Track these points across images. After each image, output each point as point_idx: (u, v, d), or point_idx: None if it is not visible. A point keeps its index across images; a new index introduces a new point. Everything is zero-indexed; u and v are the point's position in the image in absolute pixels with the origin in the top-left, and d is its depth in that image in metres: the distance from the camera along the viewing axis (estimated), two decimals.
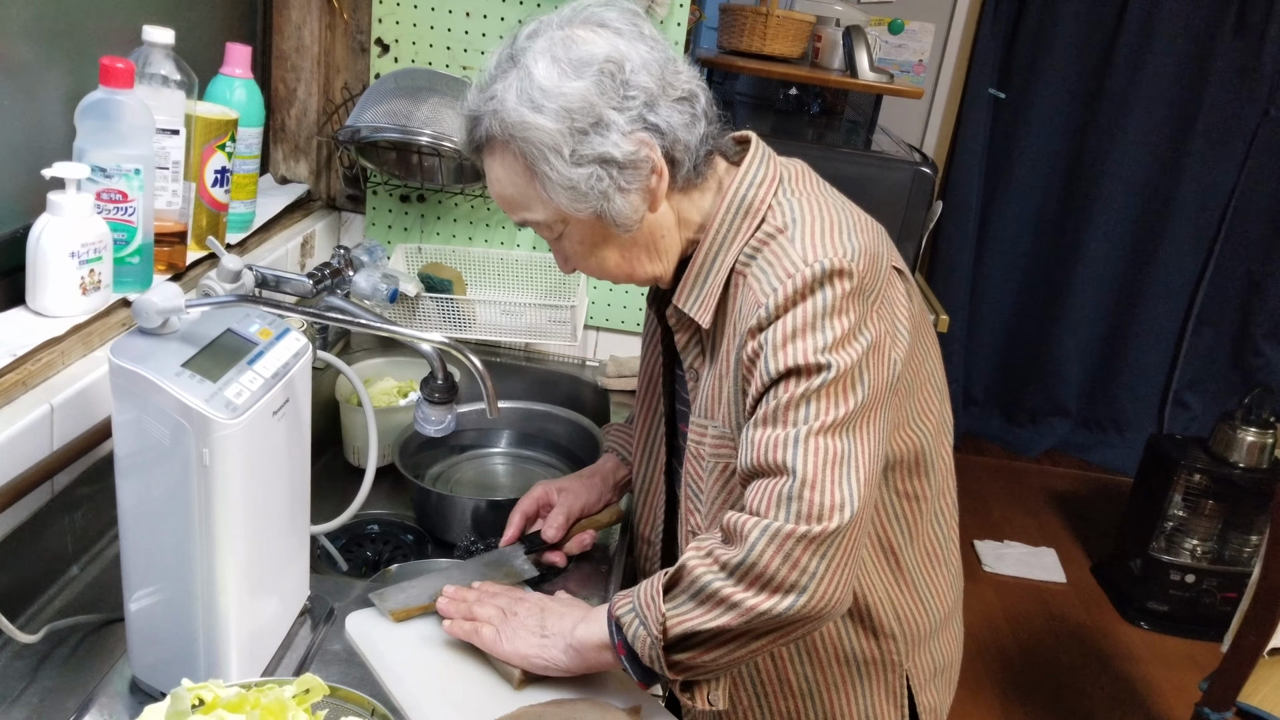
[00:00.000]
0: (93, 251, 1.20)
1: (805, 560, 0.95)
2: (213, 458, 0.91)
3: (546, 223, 1.10)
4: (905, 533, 1.18)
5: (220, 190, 1.51)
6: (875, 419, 1.02)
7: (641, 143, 1.04)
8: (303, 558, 1.17)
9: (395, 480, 1.73)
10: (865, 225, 1.10)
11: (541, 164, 1.04)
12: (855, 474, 0.98)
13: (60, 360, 1.17)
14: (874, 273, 1.05)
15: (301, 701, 0.90)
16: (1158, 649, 3.34)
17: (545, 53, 1.03)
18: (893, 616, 1.20)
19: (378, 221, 2.03)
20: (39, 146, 1.26)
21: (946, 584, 1.26)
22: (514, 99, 1.03)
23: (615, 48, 1.03)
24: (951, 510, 1.26)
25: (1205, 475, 3.30)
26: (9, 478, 1.05)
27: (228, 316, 1.05)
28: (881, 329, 1.04)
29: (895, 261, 1.12)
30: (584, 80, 1.02)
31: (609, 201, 1.05)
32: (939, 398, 1.18)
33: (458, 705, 1.08)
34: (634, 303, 2.07)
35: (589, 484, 1.42)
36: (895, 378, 1.06)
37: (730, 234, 1.10)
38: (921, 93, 2.64)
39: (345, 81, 1.97)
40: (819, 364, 0.99)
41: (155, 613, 1.00)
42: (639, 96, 1.03)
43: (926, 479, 1.17)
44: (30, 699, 1.02)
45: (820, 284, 1.01)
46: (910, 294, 1.13)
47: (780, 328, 1.01)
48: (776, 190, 1.11)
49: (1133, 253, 4.32)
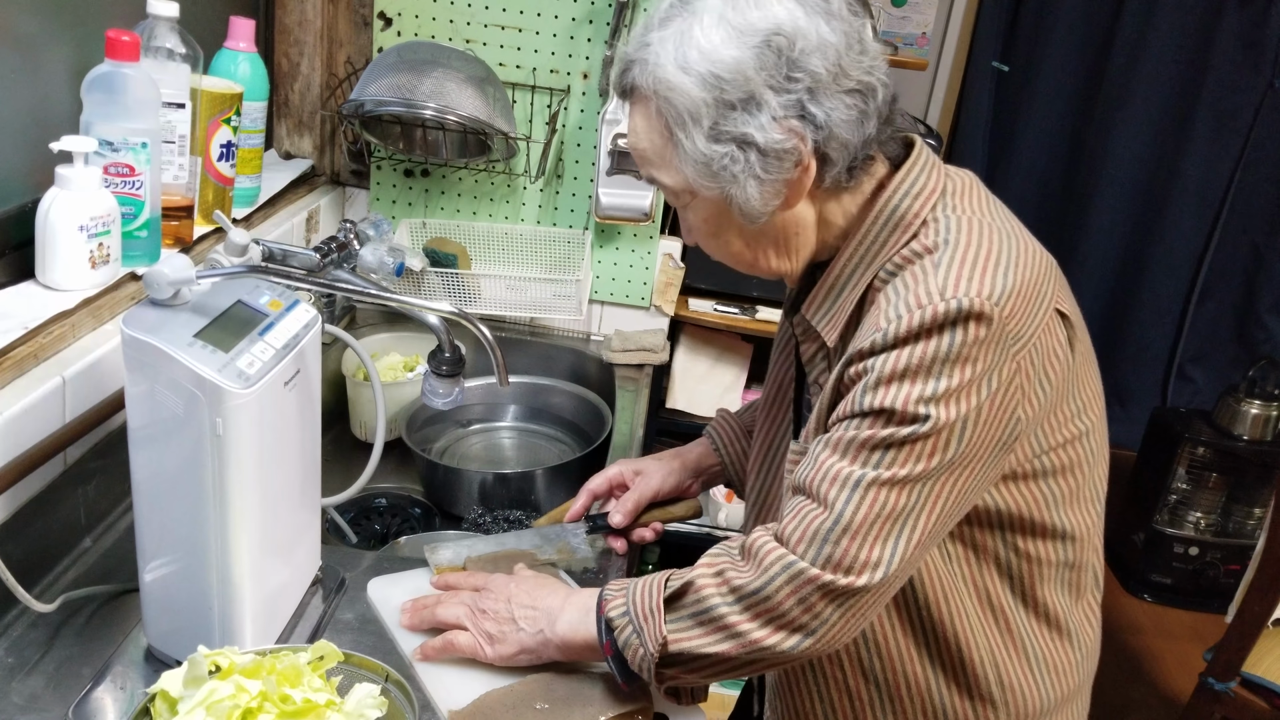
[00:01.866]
0: (101, 225, 1.20)
1: (820, 607, 0.90)
2: (226, 427, 0.92)
3: (674, 189, 1.01)
4: (1017, 593, 1.05)
5: (226, 165, 1.51)
6: (963, 478, 0.92)
7: (792, 132, 0.93)
8: (314, 528, 1.18)
9: (402, 455, 1.74)
10: (1029, 259, 0.96)
11: (679, 129, 0.95)
12: (906, 534, 0.90)
13: (71, 333, 1.17)
14: (1025, 316, 0.92)
15: (316, 668, 0.92)
16: (1161, 621, 3.36)
17: (716, 12, 0.93)
18: (994, 680, 1.06)
19: (382, 196, 2.03)
20: (46, 120, 1.26)
21: (1069, 662, 1.09)
22: (669, 54, 0.94)
23: (793, 19, 0.92)
24: (1086, 584, 1.10)
25: (1209, 448, 3.30)
26: (23, 449, 1.06)
27: (238, 288, 1.05)
28: (1014, 381, 0.92)
29: (1061, 303, 0.98)
30: (746, 49, 0.91)
31: (739, 186, 0.96)
32: (1089, 462, 1.04)
33: (465, 671, 1.09)
34: (638, 277, 2.07)
35: (668, 468, 1.34)
36: (1013, 437, 0.94)
37: (875, 247, 1.00)
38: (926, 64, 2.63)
39: (348, 56, 1.96)
40: (916, 415, 0.89)
41: (170, 582, 1.01)
42: (803, 80, 0.92)
43: (1052, 542, 1.04)
44: (46, 667, 1.03)
45: (952, 324, 0.89)
46: (1073, 343, 0.99)
47: (892, 360, 0.91)
48: (936, 204, 0.99)
49: (1136, 226, 4.31)
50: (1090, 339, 1.06)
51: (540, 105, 1.95)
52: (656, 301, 2.10)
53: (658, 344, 2.03)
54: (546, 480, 1.65)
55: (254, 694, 0.85)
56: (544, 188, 2.02)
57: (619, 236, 2.05)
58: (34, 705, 0.98)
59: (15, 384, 1.08)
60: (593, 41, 1.92)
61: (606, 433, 1.75)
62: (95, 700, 0.99)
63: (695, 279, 2.28)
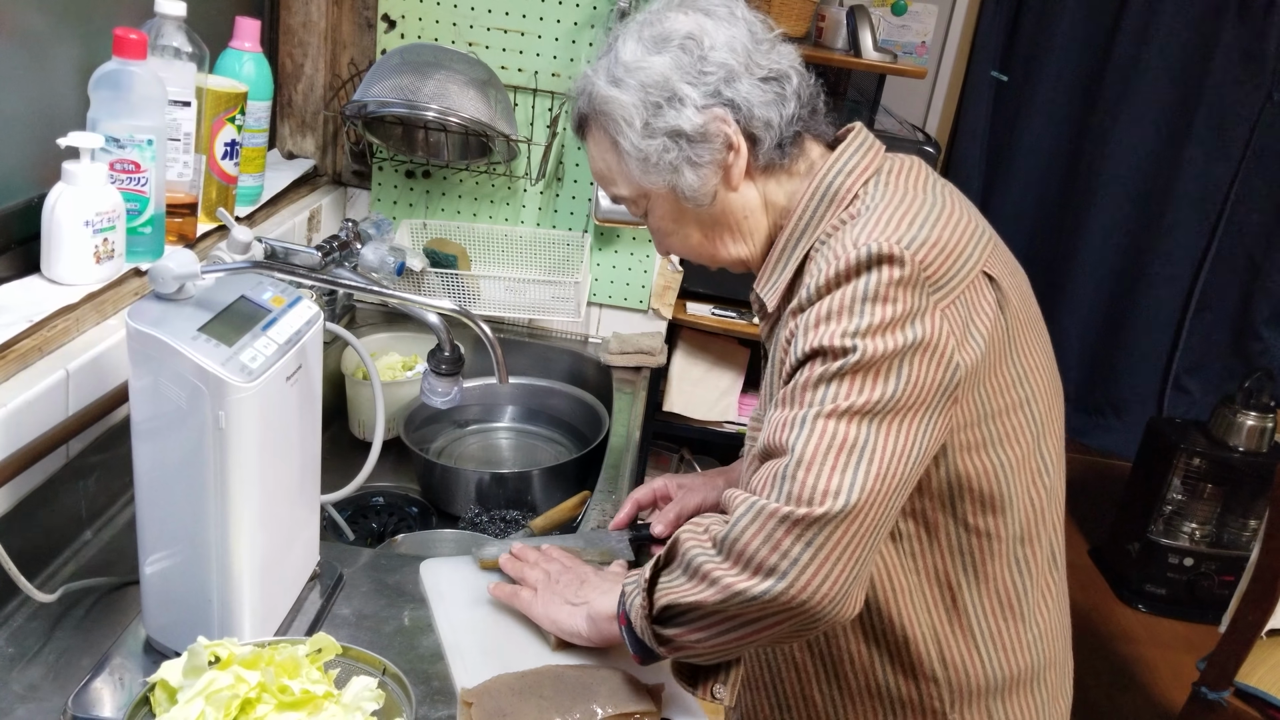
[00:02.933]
0: (106, 221, 1.21)
1: (787, 544, 0.90)
2: (228, 421, 0.93)
3: (631, 198, 1.12)
4: (968, 571, 1.07)
5: (230, 163, 1.52)
6: (914, 420, 0.94)
7: (715, 118, 1.04)
8: (313, 523, 1.19)
9: (400, 454, 1.74)
10: (954, 222, 1.01)
11: (619, 136, 1.07)
12: (864, 465, 0.90)
13: (75, 327, 1.18)
14: (943, 268, 0.97)
15: (314, 660, 0.92)
16: (1155, 631, 3.37)
17: (633, 33, 1.07)
18: (936, 658, 1.09)
19: (383, 197, 2.05)
20: (53, 116, 1.27)
21: (1019, 640, 1.11)
22: (601, 76, 1.07)
23: (699, 25, 1.05)
24: (1040, 563, 1.11)
25: (1204, 459, 3.31)
26: (26, 441, 1.07)
27: (241, 284, 1.06)
28: (944, 329, 0.95)
29: (990, 267, 1.02)
30: (663, 56, 1.04)
31: (679, 174, 1.06)
32: (1032, 432, 1.06)
33: (489, 652, 1.12)
34: (637, 280, 2.08)
35: (711, 483, 1.36)
36: (954, 383, 0.96)
37: (813, 220, 1.08)
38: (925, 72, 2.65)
39: (352, 57, 1.98)
40: (844, 347, 0.93)
41: (170, 575, 1.02)
42: (716, 72, 1.04)
43: (1001, 516, 1.06)
44: (47, 657, 1.04)
45: (866, 268, 0.95)
46: (1003, 305, 1.02)
47: (816, 310, 0.97)
48: (870, 180, 1.07)
49: (1134, 236, 4.32)
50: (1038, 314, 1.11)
51: (541, 108, 1.96)
52: (654, 304, 2.11)
53: (655, 347, 2.04)
54: (543, 481, 1.66)
55: (253, 685, 0.85)
56: (544, 190, 2.03)
57: (618, 239, 2.06)
58: (33, 695, 0.99)
59: (19, 377, 1.09)
60: (594, 45, 1.93)
61: (603, 435, 1.76)
62: (94, 690, 0.99)
63: (693, 283, 2.29)
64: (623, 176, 1.10)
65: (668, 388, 2.47)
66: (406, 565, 1.28)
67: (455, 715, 1.03)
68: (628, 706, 1.04)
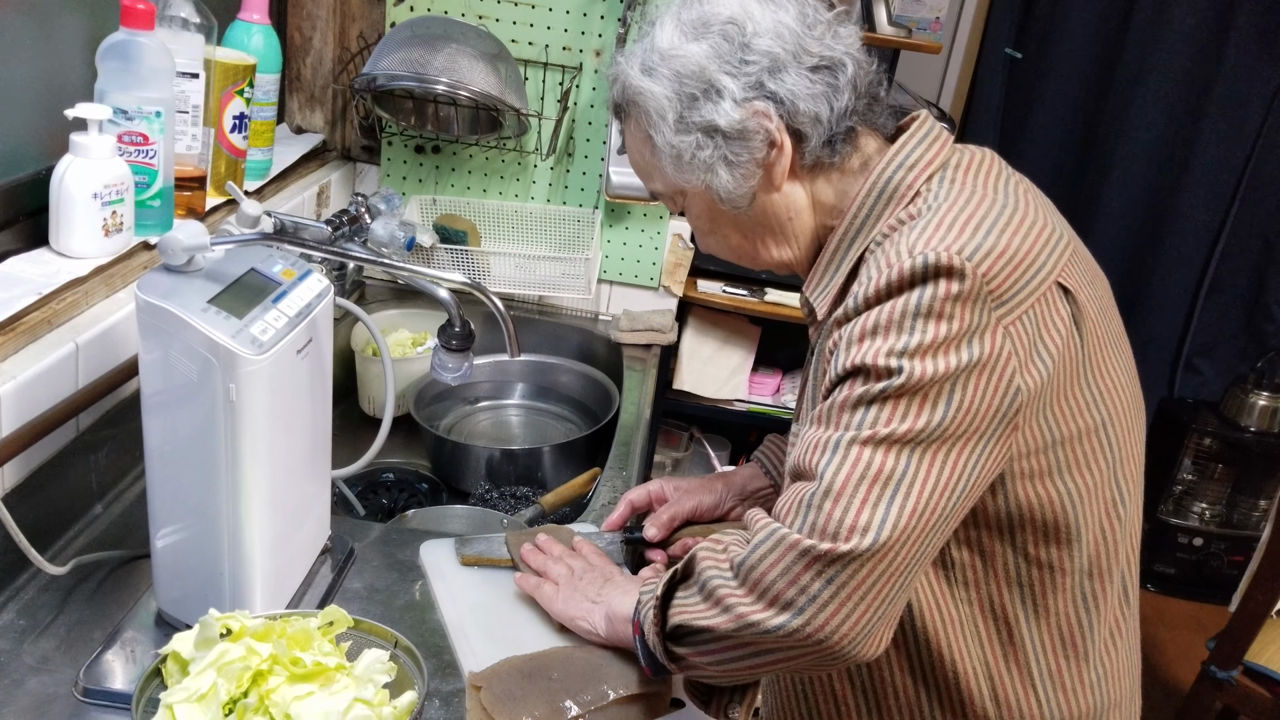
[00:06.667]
0: (115, 193, 1.20)
1: (805, 579, 0.84)
2: (239, 393, 0.92)
3: (666, 194, 1.06)
4: (1027, 603, 0.98)
5: (239, 136, 1.51)
6: (963, 449, 0.86)
7: (756, 113, 0.96)
8: (324, 497, 1.18)
9: (410, 431, 1.74)
10: (1026, 227, 0.92)
11: (652, 130, 1.00)
12: (899, 499, 0.83)
13: (84, 300, 1.18)
14: (1010, 280, 0.88)
15: (326, 633, 0.92)
16: (1164, 611, 3.36)
17: (673, 16, 0.99)
18: (989, 696, 0.99)
19: (393, 172, 2.03)
20: (61, 88, 1.26)
21: (1081, 681, 1.01)
22: (635, 64, 1.00)
23: (744, 9, 0.96)
24: (1111, 599, 1.01)
25: (1215, 439, 3.30)
26: (36, 414, 1.06)
27: (251, 256, 1.05)
28: (1005, 349, 0.86)
29: (1065, 278, 0.93)
30: (701, 43, 0.96)
31: (714, 174, 0.99)
32: (1107, 459, 0.96)
33: (496, 639, 1.11)
34: (648, 257, 2.07)
35: (709, 487, 1.28)
36: (1013, 408, 0.87)
37: (869, 219, 0.98)
38: (939, 48, 2.63)
39: (361, 30, 1.96)
40: (889, 367, 0.85)
41: (181, 548, 1.01)
42: (759, 61, 0.96)
43: (1068, 548, 0.96)
44: (59, 630, 1.04)
45: (921, 280, 0.86)
46: (1078, 321, 0.93)
47: (862, 322, 0.89)
48: (934, 176, 0.98)
49: (1147, 216, 4.29)
50: (1120, 329, 1.02)
51: (552, 82, 1.95)
52: (665, 282, 2.10)
53: (666, 324, 2.03)
54: (553, 458, 1.65)
55: (265, 656, 0.85)
56: (554, 166, 2.02)
57: (629, 216, 2.05)
58: (45, 666, 0.99)
59: (29, 349, 1.08)
60: (605, 19, 1.91)
61: (613, 412, 1.76)
62: (106, 662, 1.00)
63: (704, 260, 2.28)
64: (657, 172, 1.03)
65: (678, 365, 2.46)
66: (417, 540, 1.28)
67: (465, 689, 1.03)
68: (638, 688, 1.04)
